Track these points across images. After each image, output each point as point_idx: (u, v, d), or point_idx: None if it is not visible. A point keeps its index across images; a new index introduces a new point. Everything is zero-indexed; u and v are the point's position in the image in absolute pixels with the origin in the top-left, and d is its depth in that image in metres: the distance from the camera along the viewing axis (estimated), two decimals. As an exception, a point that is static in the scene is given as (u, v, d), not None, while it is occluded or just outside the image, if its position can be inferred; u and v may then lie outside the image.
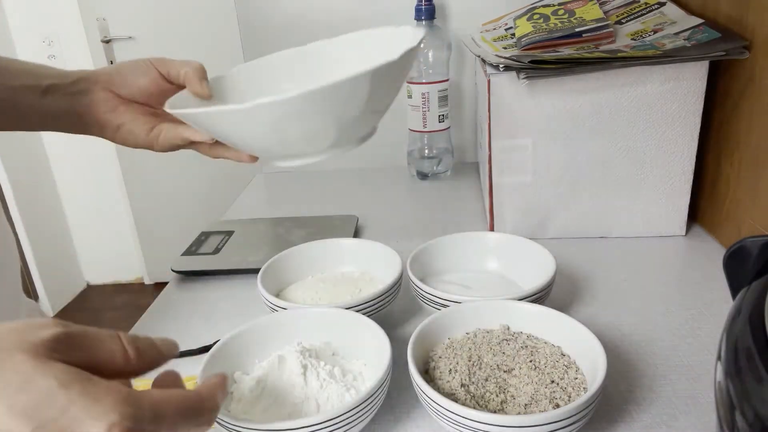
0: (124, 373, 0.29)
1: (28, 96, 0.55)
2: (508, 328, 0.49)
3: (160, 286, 2.60)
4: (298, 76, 0.60)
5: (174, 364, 0.33)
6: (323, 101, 0.44)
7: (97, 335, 0.29)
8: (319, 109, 0.45)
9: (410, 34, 0.52)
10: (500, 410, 0.41)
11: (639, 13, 0.74)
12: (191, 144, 0.58)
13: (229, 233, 0.81)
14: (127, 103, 0.58)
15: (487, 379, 0.44)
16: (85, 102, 0.57)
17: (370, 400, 0.41)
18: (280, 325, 0.51)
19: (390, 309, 0.56)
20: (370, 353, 0.48)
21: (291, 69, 0.61)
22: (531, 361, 0.45)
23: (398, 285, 0.56)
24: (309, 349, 0.48)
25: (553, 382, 0.43)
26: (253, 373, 0.48)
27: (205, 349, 0.55)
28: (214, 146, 0.58)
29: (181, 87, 0.58)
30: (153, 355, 0.31)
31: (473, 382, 0.43)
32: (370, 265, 0.62)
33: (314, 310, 0.52)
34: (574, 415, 0.37)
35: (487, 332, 0.49)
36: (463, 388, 0.43)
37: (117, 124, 0.58)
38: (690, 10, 0.71)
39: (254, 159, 0.57)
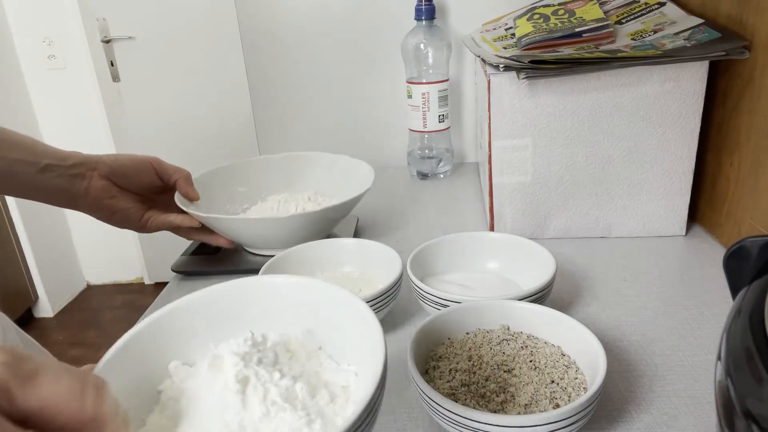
0: None
1: (25, 169, 0.58)
2: (508, 328, 0.49)
3: (160, 286, 2.60)
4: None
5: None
6: (302, 220, 0.66)
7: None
8: (297, 225, 0.66)
9: (366, 171, 0.76)
10: (500, 410, 0.41)
11: (639, 13, 0.74)
12: (175, 228, 0.69)
13: (229, 233, 0.81)
14: (123, 191, 0.65)
15: (487, 379, 0.44)
16: (83, 185, 0.62)
17: None
18: (232, 303, 0.36)
19: (390, 309, 0.56)
20: (363, 355, 0.33)
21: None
22: (531, 361, 0.45)
23: (398, 285, 0.56)
24: (264, 345, 0.33)
25: (553, 382, 0.43)
26: (170, 384, 0.33)
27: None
28: (194, 231, 0.70)
29: (169, 185, 0.69)
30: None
31: (473, 382, 0.43)
32: (370, 265, 0.62)
33: (284, 279, 0.37)
34: (574, 415, 0.37)
35: (487, 332, 0.49)
36: (463, 388, 0.43)
37: (114, 210, 0.65)
38: (690, 10, 0.71)
39: (230, 243, 0.71)
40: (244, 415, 0.30)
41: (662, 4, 0.74)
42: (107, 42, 2.26)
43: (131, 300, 2.56)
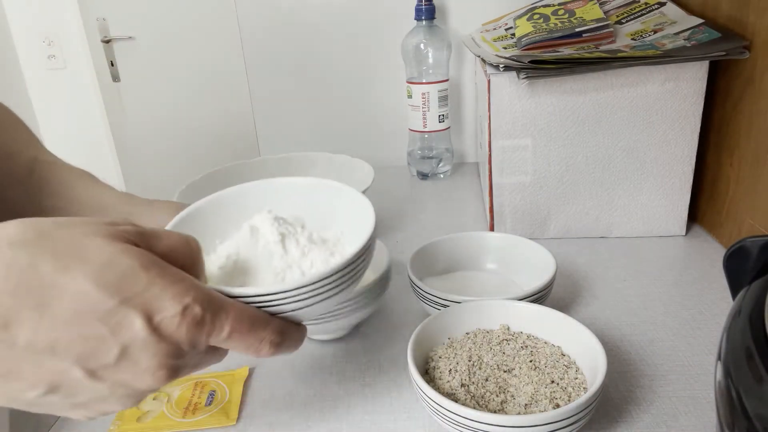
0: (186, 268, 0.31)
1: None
2: (508, 328, 0.49)
3: (160, 286, 2.59)
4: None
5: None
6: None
7: (171, 234, 0.32)
8: None
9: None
10: (500, 410, 0.41)
11: (639, 13, 0.74)
12: None
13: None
14: None
15: (487, 379, 0.44)
16: None
17: (358, 261, 0.37)
18: (240, 199, 0.45)
19: (390, 309, 0.56)
20: (347, 221, 0.43)
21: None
22: (531, 361, 0.45)
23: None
24: (282, 218, 0.42)
25: (553, 382, 0.43)
26: (220, 249, 0.41)
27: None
28: None
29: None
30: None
31: (473, 382, 0.43)
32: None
33: (281, 181, 0.47)
34: (574, 415, 0.37)
35: (487, 332, 0.49)
36: (463, 388, 0.43)
37: None
38: (690, 10, 0.71)
39: None
40: (287, 258, 0.39)
41: (662, 4, 0.74)
42: (107, 42, 2.26)
43: (131, 300, 2.55)
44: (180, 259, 0.31)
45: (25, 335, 0.25)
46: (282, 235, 0.40)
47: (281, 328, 0.33)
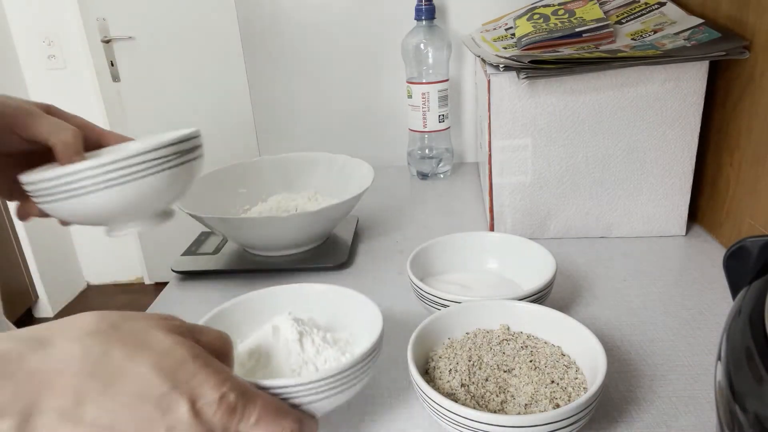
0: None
1: None
2: (508, 328, 0.49)
3: (160, 286, 2.60)
4: None
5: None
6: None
7: (211, 330, 0.37)
8: (297, 225, 0.68)
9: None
10: (500, 410, 0.41)
11: (639, 13, 0.74)
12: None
13: (229, 233, 0.81)
14: None
15: (487, 379, 0.44)
16: None
17: (368, 359, 0.42)
18: (261, 302, 0.51)
19: (390, 309, 0.56)
20: (357, 324, 0.48)
21: None
22: (531, 361, 0.45)
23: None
24: (300, 319, 0.47)
25: (553, 382, 0.43)
26: (244, 345, 0.46)
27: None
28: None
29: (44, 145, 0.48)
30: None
31: (473, 382, 0.43)
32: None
33: (298, 286, 0.53)
34: (574, 415, 0.37)
35: (487, 332, 0.49)
36: (463, 388, 0.43)
37: None
38: (690, 10, 0.71)
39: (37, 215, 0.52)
40: (303, 356, 0.44)
41: (662, 4, 0.74)
42: (107, 42, 2.26)
43: (131, 300, 2.56)
44: (217, 351, 0.35)
45: (92, 413, 0.29)
46: (300, 333, 0.45)
47: (300, 418, 0.36)
